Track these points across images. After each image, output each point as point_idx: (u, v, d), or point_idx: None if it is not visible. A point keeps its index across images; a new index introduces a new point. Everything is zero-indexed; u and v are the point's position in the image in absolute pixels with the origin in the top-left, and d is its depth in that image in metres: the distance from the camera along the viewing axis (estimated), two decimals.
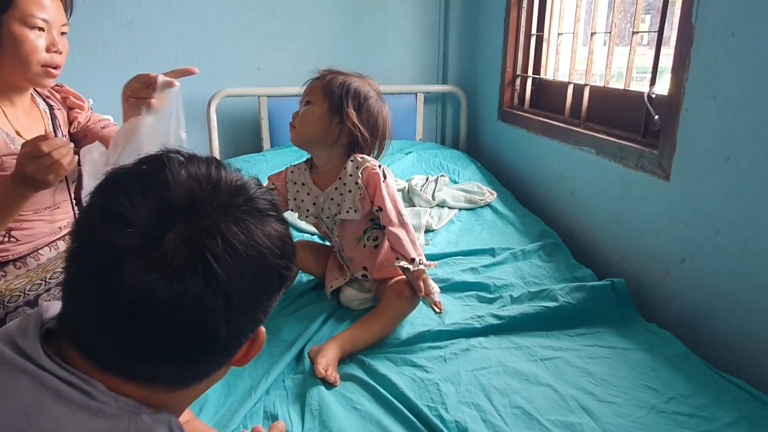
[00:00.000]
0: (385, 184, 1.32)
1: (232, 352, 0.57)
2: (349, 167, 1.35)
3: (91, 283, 0.50)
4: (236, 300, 0.52)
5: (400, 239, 1.30)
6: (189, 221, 0.50)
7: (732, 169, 1.25)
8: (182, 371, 0.54)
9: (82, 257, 0.52)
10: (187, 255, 0.49)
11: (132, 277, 0.48)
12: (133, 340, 0.50)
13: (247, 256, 0.52)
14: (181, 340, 0.51)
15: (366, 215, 1.37)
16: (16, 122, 1.20)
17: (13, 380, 0.50)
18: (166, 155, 0.55)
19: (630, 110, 1.70)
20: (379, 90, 1.39)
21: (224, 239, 0.51)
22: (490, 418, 1.02)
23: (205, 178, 0.54)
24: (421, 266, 1.28)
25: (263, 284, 0.55)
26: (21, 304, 1.20)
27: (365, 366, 1.17)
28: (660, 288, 1.50)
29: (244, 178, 0.58)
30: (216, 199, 0.53)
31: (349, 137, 1.34)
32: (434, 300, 1.28)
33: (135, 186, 0.52)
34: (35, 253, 1.26)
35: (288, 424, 1.01)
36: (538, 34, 2.29)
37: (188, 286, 0.49)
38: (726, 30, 1.24)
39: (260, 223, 0.55)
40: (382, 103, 1.38)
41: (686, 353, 1.22)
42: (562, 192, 1.99)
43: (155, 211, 0.50)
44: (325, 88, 1.32)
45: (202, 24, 2.44)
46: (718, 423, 1.01)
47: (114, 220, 0.50)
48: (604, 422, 1.01)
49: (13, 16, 1.10)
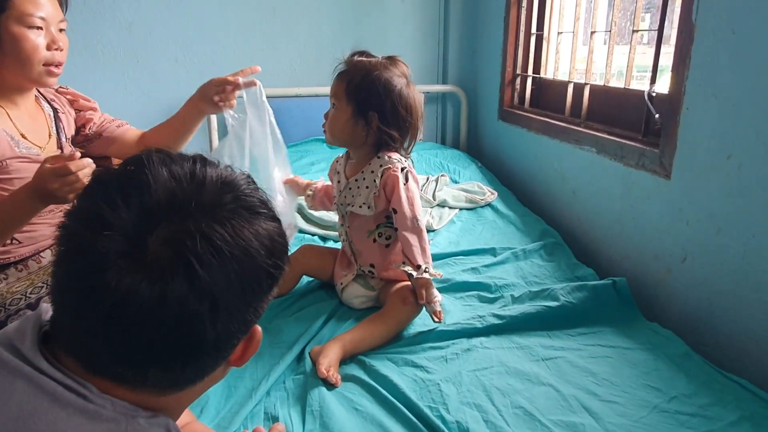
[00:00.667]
0: (405, 187, 1.30)
1: (224, 353, 0.56)
2: (374, 164, 1.34)
3: (76, 287, 0.50)
4: (222, 301, 0.51)
5: (411, 245, 1.29)
6: (172, 222, 0.50)
7: (733, 167, 1.25)
8: (171, 374, 0.53)
9: (66, 261, 0.52)
10: (170, 257, 0.48)
11: (115, 280, 0.47)
12: (118, 343, 0.50)
13: (232, 257, 0.51)
14: (166, 343, 0.50)
15: (380, 213, 1.36)
16: (21, 124, 1.20)
17: (10, 383, 0.50)
18: (147, 155, 0.54)
19: (630, 109, 1.69)
20: (407, 72, 1.34)
21: (207, 240, 0.50)
22: (491, 418, 1.02)
23: (188, 176, 0.53)
24: (426, 275, 1.27)
25: (251, 285, 0.53)
26: (22, 307, 1.20)
27: (366, 366, 1.16)
28: (662, 287, 1.50)
29: (233, 175, 0.57)
30: (199, 198, 0.52)
31: (377, 136, 1.32)
32: (434, 309, 1.25)
33: (116, 189, 0.51)
34: (36, 255, 1.26)
35: (289, 425, 1.00)
36: (538, 33, 2.29)
37: (171, 288, 0.48)
38: (726, 28, 1.24)
39: (247, 222, 0.53)
40: (410, 88, 1.32)
41: (688, 352, 1.22)
42: (563, 191, 1.98)
43: (136, 213, 0.49)
44: (347, 91, 1.30)
45: (202, 25, 2.45)
46: (720, 422, 1.01)
47: (96, 225, 0.49)
48: (606, 422, 1.01)
49: (10, 17, 1.09)
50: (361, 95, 1.28)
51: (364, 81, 1.28)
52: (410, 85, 1.33)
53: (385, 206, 1.34)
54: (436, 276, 1.30)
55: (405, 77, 1.32)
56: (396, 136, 1.32)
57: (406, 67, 1.34)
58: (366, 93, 1.28)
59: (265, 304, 0.58)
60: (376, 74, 1.28)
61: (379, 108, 1.29)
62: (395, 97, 1.28)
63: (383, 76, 1.28)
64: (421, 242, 1.30)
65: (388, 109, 1.29)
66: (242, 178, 0.57)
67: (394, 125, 1.31)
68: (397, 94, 1.29)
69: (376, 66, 1.30)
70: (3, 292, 1.19)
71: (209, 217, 0.51)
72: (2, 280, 1.20)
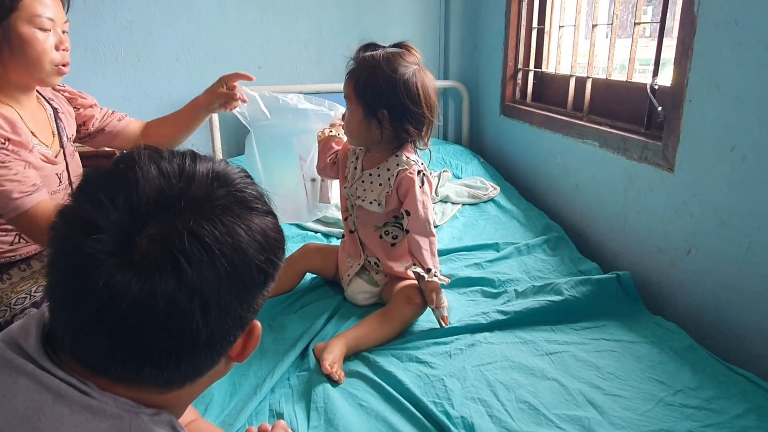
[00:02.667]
0: (420, 190, 1.29)
1: (221, 350, 0.55)
2: (390, 162, 1.32)
3: (67, 287, 0.50)
4: (213, 299, 0.50)
5: (421, 248, 1.28)
6: (160, 220, 0.49)
7: (737, 158, 1.24)
8: (166, 373, 0.53)
9: (58, 261, 0.51)
10: (158, 255, 0.48)
11: (103, 279, 0.47)
12: (110, 342, 0.50)
13: (222, 253, 0.50)
14: (158, 341, 0.50)
15: (390, 212, 1.35)
16: (29, 123, 1.20)
17: (14, 381, 0.50)
18: (137, 153, 0.53)
19: (633, 102, 1.68)
20: (417, 59, 1.29)
21: (196, 237, 0.49)
22: (496, 413, 1.02)
23: (177, 173, 0.52)
24: (435, 278, 1.26)
25: (243, 281, 0.52)
26: (27, 306, 1.21)
27: (370, 363, 1.16)
28: (666, 280, 1.49)
29: (226, 169, 0.56)
30: (189, 194, 0.51)
31: (393, 133, 1.29)
32: (442, 314, 1.25)
33: (104, 188, 0.50)
34: (40, 254, 1.26)
35: (294, 422, 1.01)
36: (539, 28, 2.27)
37: (159, 286, 0.48)
38: (729, 19, 1.23)
39: (239, 217, 0.52)
40: (422, 75, 1.27)
41: (693, 345, 1.22)
42: (566, 185, 1.98)
43: (125, 212, 0.49)
44: (355, 91, 1.27)
45: (203, 24, 2.44)
46: (726, 415, 1.00)
47: (85, 225, 0.49)
48: (611, 416, 1.01)
49: (20, 18, 1.09)
50: (368, 94, 1.26)
51: (369, 79, 1.25)
52: (419, 71, 1.27)
53: (395, 206, 1.34)
54: (444, 281, 1.29)
55: (413, 64, 1.27)
56: (411, 129, 1.28)
57: (416, 53, 1.30)
58: (372, 91, 1.25)
59: (260, 300, 0.57)
60: (378, 71, 1.24)
61: (387, 105, 1.25)
62: (400, 91, 1.23)
63: (386, 72, 1.23)
64: (432, 246, 1.30)
65: (397, 104, 1.25)
66: (236, 173, 0.57)
67: (407, 119, 1.27)
68: (402, 87, 1.23)
69: (380, 60, 1.25)
70: (7, 291, 1.20)
71: (198, 213, 0.50)
72: (6, 280, 1.21)
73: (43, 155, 1.18)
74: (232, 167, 0.58)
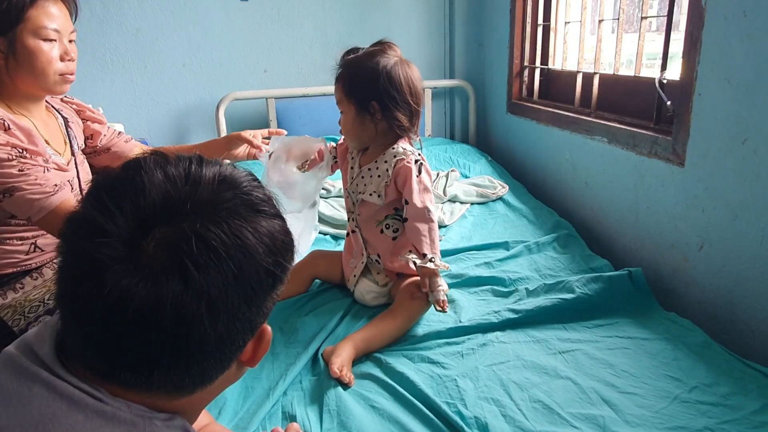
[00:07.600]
0: (418, 179, 1.31)
1: (230, 355, 0.55)
2: (388, 154, 1.35)
3: (75, 293, 0.50)
4: (221, 302, 0.50)
5: (420, 234, 1.28)
6: (167, 224, 0.49)
7: (749, 151, 1.22)
8: (176, 378, 0.53)
9: (66, 268, 0.52)
10: (164, 260, 0.48)
11: (111, 284, 0.47)
12: (119, 348, 0.50)
13: (228, 256, 0.50)
14: (166, 346, 0.49)
15: (390, 203, 1.36)
16: (43, 131, 1.21)
17: (29, 389, 0.50)
18: (144, 158, 0.54)
19: (641, 97, 1.67)
20: (398, 54, 1.33)
21: (202, 240, 0.49)
22: (510, 413, 1.01)
23: (183, 177, 0.52)
24: (430, 264, 1.26)
25: (250, 284, 0.52)
26: (41, 313, 1.22)
27: (382, 364, 1.16)
28: (679, 276, 1.48)
29: (233, 173, 0.56)
30: (195, 198, 0.51)
31: (386, 124, 1.32)
32: (437, 298, 1.23)
33: (111, 194, 0.51)
34: (52, 262, 1.27)
35: (306, 424, 1.01)
36: (544, 24, 2.26)
37: (166, 291, 0.47)
38: (737, 10, 1.21)
39: (245, 220, 0.52)
40: (404, 65, 1.31)
41: (708, 341, 1.20)
42: (575, 182, 1.97)
43: (131, 217, 0.49)
44: (345, 91, 1.31)
45: (208, 29, 2.46)
46: (743, 411, 0.99)
47: (92, 230, 0.49)
48: (626, 414, 1.00)
49: (25, 29, 1.10)
50: (356, 90, 1.30)
51: (354, 76, 1.30)
52: (401, 62, 1.31)
53: (395, 197, 1.34)
54: (443, 267, 1.28)
55: (396, 57, 1.32)
56: (401, 116, 1.31)
57: (395, 48, 1.34)
58: (359, 86, 1.29)
59: (270, 303, 0.57)
60: (362, 66, 1.30)
61: (375, 96, 1.29)
62: (384, 80, 1.27)
63: (368, 65, 1.29)
64: (431, 233, 1.30)
65: (383, 93, 1.29)
66: (243, 176, 0.56)
67: (396, 107, 1.30)
68: (386, 77, 1.28)
69: (361, 57, 1.31)
70: (21, 300, 1.21)
71: (205, 216, 0.50)
72: (18, 289, 1.22)
73: (55, 163, 1.20)
74: (239, 171, 0.57)
